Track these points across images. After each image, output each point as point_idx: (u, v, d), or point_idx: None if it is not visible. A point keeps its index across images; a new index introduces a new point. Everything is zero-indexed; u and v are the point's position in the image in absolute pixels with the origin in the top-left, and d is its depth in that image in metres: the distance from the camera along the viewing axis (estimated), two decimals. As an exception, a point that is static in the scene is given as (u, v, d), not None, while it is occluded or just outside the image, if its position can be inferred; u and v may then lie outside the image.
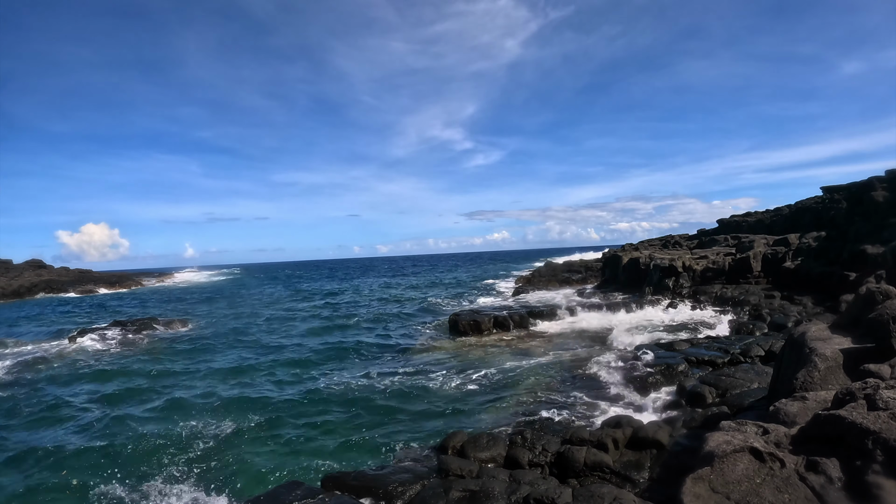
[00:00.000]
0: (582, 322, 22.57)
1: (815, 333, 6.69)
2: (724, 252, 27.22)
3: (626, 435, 7.55)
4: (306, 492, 6.99)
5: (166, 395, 16.13)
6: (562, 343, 18.94)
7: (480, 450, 7.86)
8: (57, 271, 73.73)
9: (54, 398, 16.01)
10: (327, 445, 11.45)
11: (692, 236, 46.63)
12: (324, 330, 28.08)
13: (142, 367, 19.85)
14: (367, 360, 19.90)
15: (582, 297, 28.76)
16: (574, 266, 51.24)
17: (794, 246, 24.47)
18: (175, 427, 12.89)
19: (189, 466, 10.47)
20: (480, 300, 37.23)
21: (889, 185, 18.89)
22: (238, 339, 25.97)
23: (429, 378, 16.29)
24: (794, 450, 4.18)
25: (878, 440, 3.62)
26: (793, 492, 3.72)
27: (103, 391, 16.53)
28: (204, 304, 45.01)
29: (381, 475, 7.27)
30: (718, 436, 4.47)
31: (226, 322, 32.40)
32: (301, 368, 18.97)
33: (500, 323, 22.51)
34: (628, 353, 15.67)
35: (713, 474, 4.00)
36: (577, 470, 7.14)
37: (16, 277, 64.80)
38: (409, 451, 8.80)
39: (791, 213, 38.41)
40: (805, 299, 18.77)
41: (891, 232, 17.40)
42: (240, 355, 21.81)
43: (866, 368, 5.15)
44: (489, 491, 6.38)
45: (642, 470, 6.99)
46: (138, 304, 49.32)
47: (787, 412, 5.02)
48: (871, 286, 6.99)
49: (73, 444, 12.12)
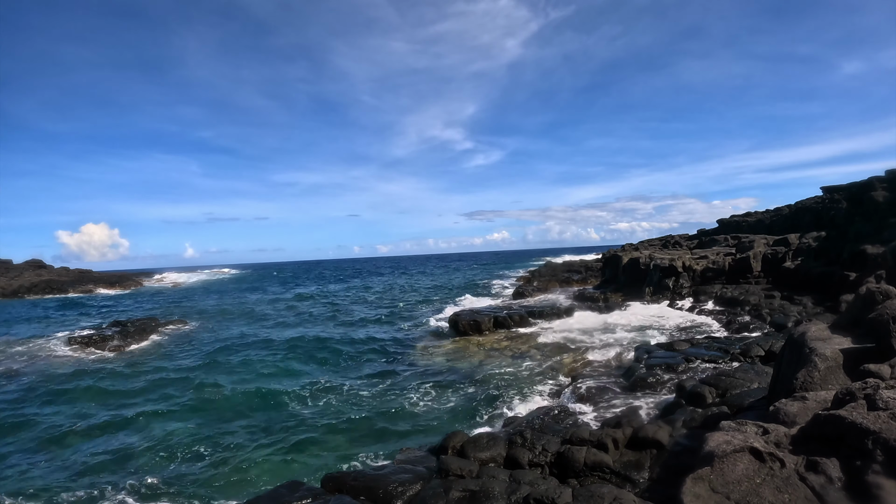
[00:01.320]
0: (581, 322, 22.59)
1: (815, 333, 6.68)
2: (724, 252, 27.21)
3: (626, 435, 7.54)
4: (306, 492, 6.99)
5: (166, 395, 16.15)
6: (561, 343, 18.94)
7: (480, 450, 7.85)
8: (57, 271, 73.73)
9: (53, 399, 16.03)
10: (327, 445, 11.46)
11: (692, 236, 46.65)
12: (324, 330, 28.08)
13: (142, 368, 19.85)
14: (367, 361, 19.91)
15: (582, 298, 28.74)
16: (574, 266, 51.29)
17: (794, 246, 24.48)
18: (175, 427, 12.91)
19: (189, 466, 10.48)
20: (480, 300, 37.23)
21: (889, 185, 18.88)
22: (238, 339, 25.96)
23: (429, 378, 16.31)
24: (794, 450, 4.18)
25: (878, 440, 3.62)
26: (793, 492, 3.72)
27: (103, 392, 16.53)
28: (203, 305, 45.01)
29: (381, 475, 7.26)
30: (718, 436, 4.47)
31: (225, 322, 32.40)
32: (301, 368, 18.98)
33: (500, 323, 22.50)
34: (628, 353, 15.67)
35: (713, 474, 4.00)
36: (577, 470, 7.13)
37: (16, 277, 64.81)
38: (409, 451, 8.79)
39: (791, 213, 38.43)
40: (805, 299, 18.76)
41: (891, 232, 17.40)
42: (239, 355, 21.81)
43: (866, 368, 5.14)
44: (489, 491, 6.38)
45: (642, 470, 6.98)
46: (138, 304, 49.31)
47: (787, 412, 5.01)
48: (871, 286, 6.97)
49: (73, 444, 12.14)
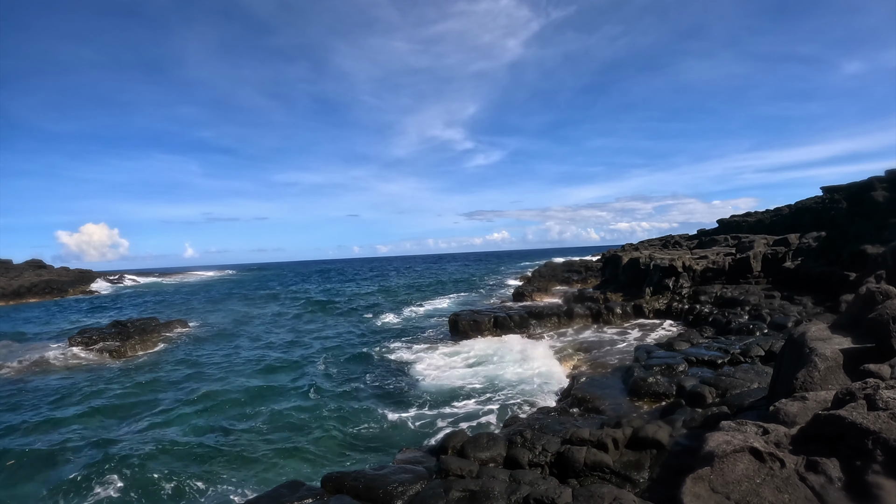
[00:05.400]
0: (580, 322, 22.58)
1: (815, 333, 6.68)
2: (724, 252, 27.19)
3: (626, 435, 7.53)
4: (306, 492, 6.99)
5: (166, 395, 16.15)
6: (560, 343, 18.94)
7: (480, 450, 7.84)
8: (57, 271, 73.71)
9: (53, 401, 16.02)
10: (327, 445, 11.47)
11: (692, 236, 46.64)
12: (324, 330, 28.08)
13: (141, 368, 19.86)
14: (367, 361, 19.90)
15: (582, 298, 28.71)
16: (574, 266, 51.27)
17: (794, 246, 24.46)
18: (175, 427, 12.91)
19: (188, 467, 10.47)
20: (481, 300, 37.22)
21: (889, 185, 18.86)
22: (237, 339, 25.96)
23: (429, 378, 16.31)
24: (794, 450, 4.18)
25: (878, 440, 3.61)
26: (793, 492, 3.72)
27: (102, 391, 16.53)
28: (202, 305, 45.01)
29: (381, 475, 7.25)
30: (718, 436, 4.47)
31: (224, 322, 32.39)
32: (302, 368, 18.98)
33: (500, 323, 22.49)
34: (628, 354, 15.67)
35: (713, 474, 4.00)
36: (577, 470, 7.12)
37: (16, 277, 64.74)
38: (408, 451, 8.79)
39: (791, 213, 38.42)
40: (805, 299, 18.74)
41: (891, 232, 17.38)
42: (239, 355, 21.81)
43: (866, 368, 5.14)
44: (489, 491, 6.37)
45: (642, 470, 6.98)
46: (138, 304, 49.31)
47: (787, 412, 5.01)
48: (871, 286, 6.97)
49: (72, 445, 12.13)
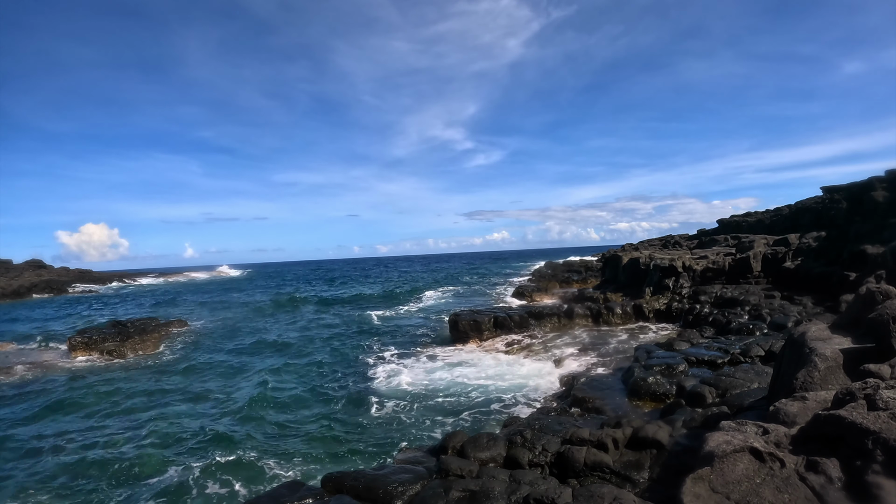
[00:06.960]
0: (580, 322, 22.57)
1: (815, 333, 6.67)
2: (724, 252, 27.18)
3: (626, 435, 7.53)
4: (306, 492, 6.99)
5: (165, 395, 16.15)
6: (560, 343, 18.94)
7: (480, 450, 7.84)
8: (57, 271, 73.77)
9: (53, 401, 16.02)
10: (327, 445, 11.46)
11: (692, 236, 46.65)
12: (324, 330, 28.08)
13: (141, 368, 19.85)
14: (367, 361, 19.90)
15: (582, 298, 28.72)
16: (574, 266, 51.32)
17: (794, 246, 24.45)
18: (174, 427, 12.90)
19: (188, 467, 10.47)
20: (481, 300, 37.22)
21: (889, 185, 18.86)
22: (236, 339, 25.95)
23: (428, 378, 16.30)
24: (794, 450, 4.18)
25: (878, 440, 3.61)
26: (793, 492, 3.72)
27: (101, 391, 16.53)
28: (202, 305, 45.02)
29: (381, 475, 7.25)
30: (718, 436, 4.47)
31: (223, 322, 32.39)
32: (302, 369, 18.97)
33: (500, 323, 22.47)
34: (628, 354, 15.66)
35: (713, 474, 4.00)
36: (577, 470, 7.12)
37: (16, 277, 64.77)
38: (408, 450, 8.79)
39: (791, 213, 38.40)
40: (805, 299, 18.74)
41: (891, 232, 17.38)
42: (238, 355, 21.80)
43: (866, 368, 5.14)
44: (489, 491, 6.37)
45: (642, 470, 6.97)
46: (138, 304, 49.31)
47: (787, 412, 5.01)
48: (871, 286, 6.96)
49: (72, 445, 12.13)
